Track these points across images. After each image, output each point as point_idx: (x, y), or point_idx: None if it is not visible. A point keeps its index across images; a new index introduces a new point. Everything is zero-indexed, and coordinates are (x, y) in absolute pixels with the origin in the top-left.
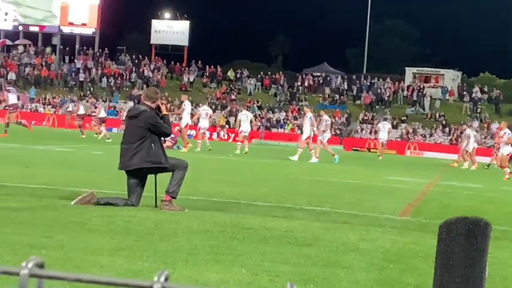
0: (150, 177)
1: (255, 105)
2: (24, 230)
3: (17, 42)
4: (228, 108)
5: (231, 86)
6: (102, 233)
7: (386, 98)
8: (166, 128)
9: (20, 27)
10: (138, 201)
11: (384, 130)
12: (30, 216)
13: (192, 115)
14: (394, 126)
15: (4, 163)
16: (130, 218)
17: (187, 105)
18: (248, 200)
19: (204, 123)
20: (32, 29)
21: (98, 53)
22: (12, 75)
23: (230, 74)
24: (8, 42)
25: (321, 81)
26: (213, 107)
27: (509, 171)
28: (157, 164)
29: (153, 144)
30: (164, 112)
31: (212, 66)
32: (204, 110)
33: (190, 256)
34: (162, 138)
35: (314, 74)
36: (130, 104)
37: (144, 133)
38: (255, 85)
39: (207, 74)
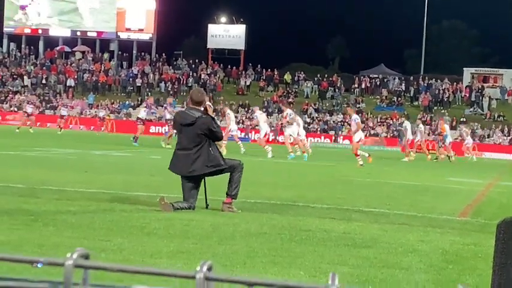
0: None
1: (310, 107)
2: (84, 233)
3: (75, 48)
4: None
5: (287, 89)
6: (161, 236)
7: (444, 99)
8: (221, 133)
9: (78, 34)
10: (195, 204)
11: (417, 131)
12: (89, 220)
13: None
14: (453, 127)
15: (64, 168)
16: (189, 221)
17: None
18: (305, 202)
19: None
20: (89, 35)
21: (155, 58)
22: (70, 82)
23: (287, 77)
24: (67, 48)
25: (378, 82)
26: (270, 110)
27: None
28: (218, 167)
29: (211, 148)
30: (210, 114)
31: (269, 70)
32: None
33: (248, 259)
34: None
35: (371, 75)
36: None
37: (202, 138)
38: (312, 88)
39: (264, 78)
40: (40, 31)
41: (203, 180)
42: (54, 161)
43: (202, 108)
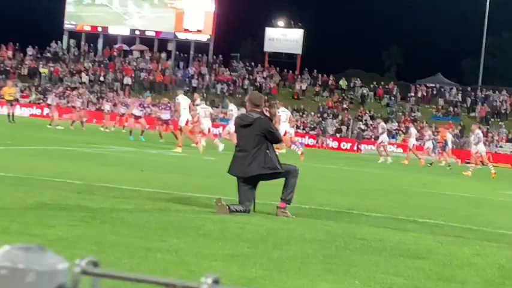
0: None
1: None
2: (140, 233)
3: (133, 47)
4: (340, 117)
5: (343, 95)
6: (216, 238)
7: (502, 111)
8: (280, 134)
9: (137, 33)
10: (251, 207)
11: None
12: (145, 219)
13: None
14: (509, 140)
15: (120, 166)
16: (244, 224)
17: (182, 100)
18: (360, 210)
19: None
20: (148, 34)
21: (211, 60)
22: (128, 80)
23: (342, 83)
24: (125, 47)
25: (434, 92)
26: (325, 115)
27: None
28: (274, 170)
29: (268, 151)
30: (269, 117)
31: (325, 75)
32: (203, 108)
33: (303, 265)
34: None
35: (428, 84)
36: (242, 110)
37: (260, 140)
38: (368, 95)
39: (320, 83)
40: (100, 29)
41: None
42: (111, 158)
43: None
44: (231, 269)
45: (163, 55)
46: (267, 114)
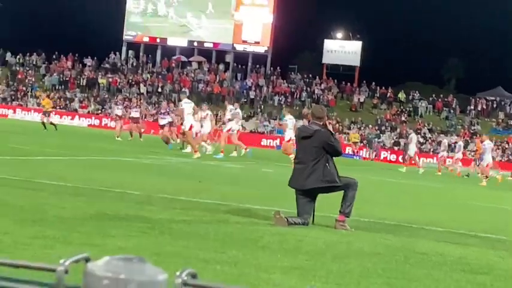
0: None
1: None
2: (199, 244)
3: (191, 58)
4: (398, 130)
5: (401, 107)
6: (275, 250)
7: None
8: (340, 147)
9: (195, 44)
10: (310, 220)
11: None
12: (204, 230)
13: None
14: None
15: (178, 177)
16: (302, 237)
17: (185, 106)
18: (420, 224)
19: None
20: (206, 45)
21: (269, 71)
22: (185, 91)
23: (401, 95)
24: (183, 58)
25: (494, 105)
26: (383, 128)
27: None
28: (332, 183)
29: (327, 164)
30: (331, 130)
31: (383, 87)
32: (187, 103)
33: (362, 278)
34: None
35: (488, 97)
36: (300, 122)
37: (319, 152)
38: (426, 107)
39: (378, 95)
40: (158, 40)
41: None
42: (169, 169)
43: (322, 124)
44: (290, 282)
45: (221, 66)
46: (330, 127)
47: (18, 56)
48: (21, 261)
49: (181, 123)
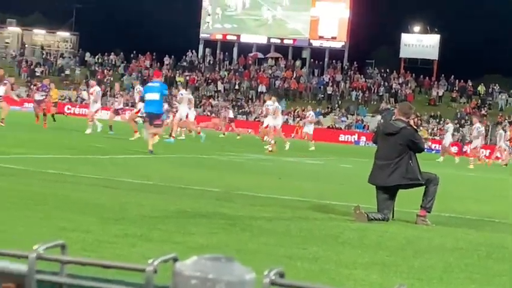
0: None
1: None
2: (280, 240)
3: (268, 55)
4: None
5: (481, 101)
6: (355, 246)
7: None
8: (423, 144)
9: (272, 41)
10: (390, 215)
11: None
12: (284, 227)
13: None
14: None
15: (258, 174)
16: (382, 232)
17: (184, 95)
18: (501, 218)
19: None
20: (282, 42)
21: (346, 67)
22: (262, 88)
23: (480, 88)
24: (260, 55)
25: None
26: (462, 121)
27: None
28: (415, 181)
29: (410, 161)
30: (413, 127)
31: (462, 81)
32: (186, 93)
33: (444, 274)
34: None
35: None
36: (377, 118)
37: (403, 150)
38: (507, 101)
39: (457, 89)
40: (234, 37)
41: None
42: (248, 166)
43: (408, 121)
44: (371, 277)
45: (298, 63)
46: (411, 122)
47: (97, 56)
48: (110, 261)
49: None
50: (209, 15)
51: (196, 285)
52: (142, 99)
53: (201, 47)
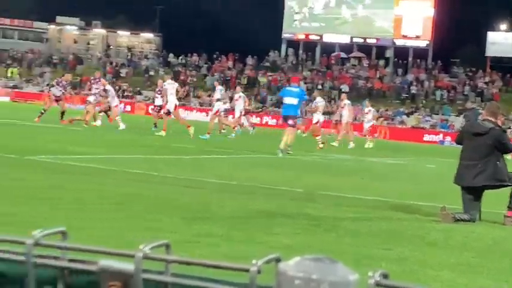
0: None
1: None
2: (364, 241)
3: (351, 55)
4: None
5: None
6: (441, 247)
7: None
8: (510, 145)
9: (355, 40)
10: (477, 216)
11: None
12: (368, 227)
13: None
14: None
15: (341, 174)
16: (469, 233)
17: (168, 86)
18: None
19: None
20: (366, 41)
21: (430, 66)
22: (345, 87)
23: None
24: (343, 55)
25: None
26: None
27: None
28: (503, 182)
29: (498, 162)
30: (501, 127)
31: None
32: (170, 84)
33: None
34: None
35: None
36: (460, 118)
37: (491, 151)
38: None
39: None
40: (317, 37)
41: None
42: (331, 166)
43: (495, 121)
44: (459, 279)
45: (382, 62)
46: (499, 122)
47: (180, 57)
48: (214, 261)
49: (166, 103)
50: (297, 13)
51: (300, 285)
52: (279, 102)
53: (283, 47)
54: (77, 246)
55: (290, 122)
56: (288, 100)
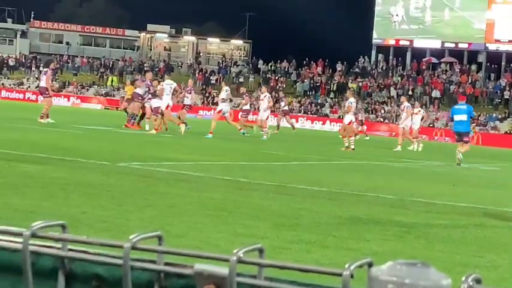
0: None
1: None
2: (456, 248)
3: (442, 60)
4: None
5: None
6: None
7: None
8: None
9: (446, 45)
10: None
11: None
12: (460, 234)
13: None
14: None
15: (432, 181)
16: None
17: (166, 86)
18: None
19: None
20: (457, 46)
21: None
22: (436, 93)
23: None
24: (434, 60)
25: None
26: None
27: None
28: None
29: None
30: None
31: None
32: (168, 84)
33: None
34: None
35: None
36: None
37: None
38: None
39: None
40: (407, 42)
41: None
42: (421, 172)
43: None
44: None
45: (474, 67)
46: None
47: (270, 64)
48: (307, 265)
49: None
50: (388, 18)
51: None
52: (451, 120)
53: (373, 52)
54: (173, 250)
55: (466, 139)
56: (458, 117)
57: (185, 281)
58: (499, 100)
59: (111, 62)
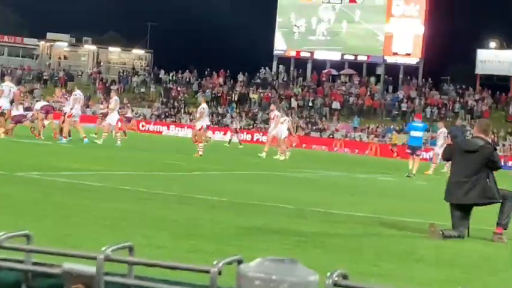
0: None
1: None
2: (352, 257)
3: (341, 72)
4: None
5: None
6: (429, 264)
7: None
8: (500, 162)
9: (346, 57)
10: (466, 233)
11: None
12: (357, 244)
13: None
14: None
15: (330, 190)
16: (458, 250)
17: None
18: None
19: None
20: (356, 58)
21: (421, 83)
22: (336, 104)
23: None
24: (333, 72)
25: None
26: None
27: None
28: (493, 199)
29: (488, 179)
30: (493, 145)
31: None
32: (7, 85)
33: None
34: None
35: None
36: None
37: (481, 168)
38: None
39: None
40: (308, 54)
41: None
42: (321, 183)
43: (486, 138)
44: None
45: (372, 79)
46: (489, 139)
47: (171, 74)
48: (176, 263)
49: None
50: (282, 32)
51: (260, 286)
52: (406, 133)
53: (274, 63)
54: (39, 248)
55: (418, 153)
56: (414, 133)
57: (53, 280)
58: (397, 112)
59: (8, 71)
